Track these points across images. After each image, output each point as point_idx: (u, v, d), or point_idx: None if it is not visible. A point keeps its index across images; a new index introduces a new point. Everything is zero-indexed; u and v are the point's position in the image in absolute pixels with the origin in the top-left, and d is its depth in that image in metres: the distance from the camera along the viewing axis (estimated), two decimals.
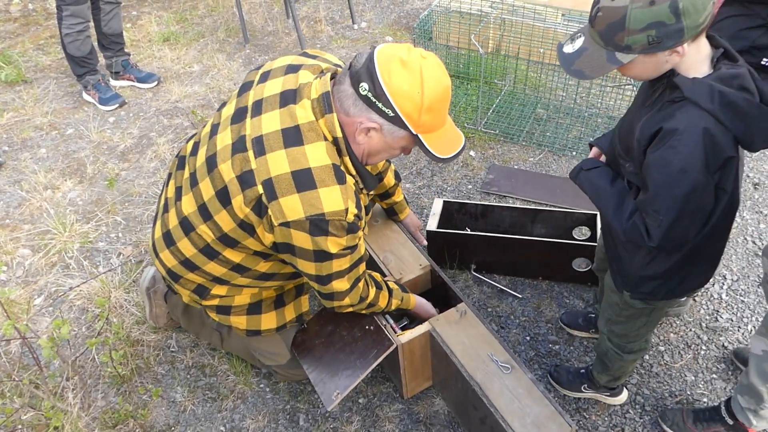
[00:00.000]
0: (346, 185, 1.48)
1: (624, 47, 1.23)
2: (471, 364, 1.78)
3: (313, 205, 1.44)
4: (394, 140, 1.50)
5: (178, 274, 1.82)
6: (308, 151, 1.45)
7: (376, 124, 1.44)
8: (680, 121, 1.25)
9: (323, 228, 1.47)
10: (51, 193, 3.02)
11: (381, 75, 1.38)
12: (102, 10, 3.49)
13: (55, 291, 2.52)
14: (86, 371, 2.21)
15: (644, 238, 1.36)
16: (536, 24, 3.41)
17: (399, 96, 1.39)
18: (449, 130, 1.55)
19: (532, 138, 3.28)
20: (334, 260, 1.57)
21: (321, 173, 1.45)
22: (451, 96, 1.50)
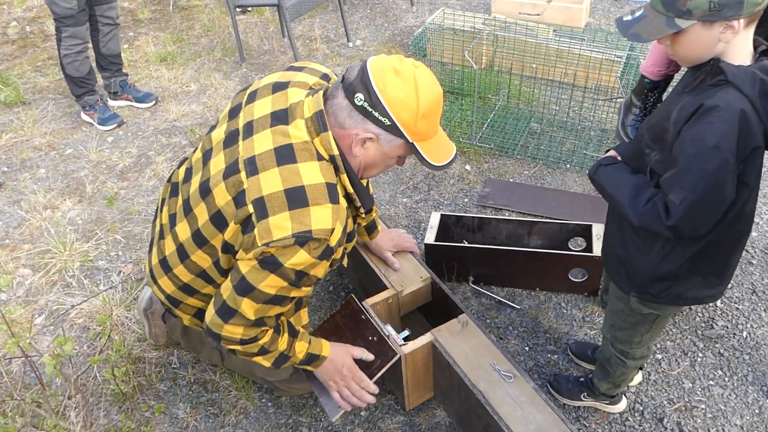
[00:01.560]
0: (339, 206, 1.46)
1: (685, 12, 1.26)
2: (474, 373, 1.80)
3: (302, 223, 1.40)
4: (391, 149, 1.50)
5: (177, 300, 1.81)
6: (302, 169, 1.44)
7: (372, 134, 1.45)
8: (721, 99, 1.28)
9: (304, 242, 1.41)
10: (51, 213, 3.04)
11: (376, 84, 1.39)
12: (101, 31, 3.54)
13: (56, 310, 2.53)
14: (88, 389, 2.21)
15: (662, 220, 1.35)
16: (528, 40, 3.48)
17: (395, 104, 1.40)
18: (442, 138, 1.57)
19: (526, 151, 3.33)
20: (272, 275, 1.46)
21: (314, 191, 1.43)
22: (442, 102, 1.52)
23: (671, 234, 1.38)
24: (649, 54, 1.91)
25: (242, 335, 1.59)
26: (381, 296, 2.08)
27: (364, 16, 5.02)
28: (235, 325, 1.57)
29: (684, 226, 1.35)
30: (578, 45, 3.49)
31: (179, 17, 5.11)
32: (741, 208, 1.41)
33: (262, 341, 1.64)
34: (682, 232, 1.37)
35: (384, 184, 3.16)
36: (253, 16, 5.08)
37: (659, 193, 1.39)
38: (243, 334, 1.58)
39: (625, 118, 2.05)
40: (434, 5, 5.12)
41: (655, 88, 2.00)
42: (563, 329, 2.36)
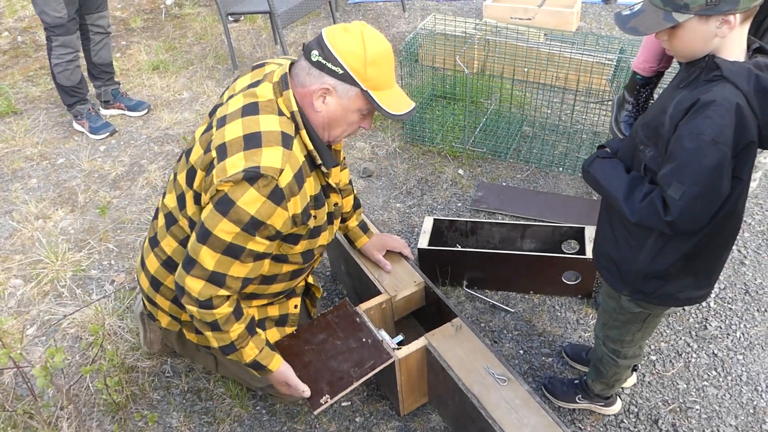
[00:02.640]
0: (291, 152, 1.56)
1: (682, 6, 1.28)
2: (468, 377, 1.80)
3: (252, 160, 1.52)
4: (349, 101, 1.58)
5: (159, 281, 1.88)
6: (261, 120, 1.58)
7: (328, 85, 1.55)
8: (717, 94, 1.29)
9: (253, 178, 1.51)
10: (42, 223, 3.03)
11: (328, 41, 1.54)
12: (92, 40, 3.54)
13: (48, 320, 2.52)
14: (81, 400, 2.20)
15: (660, 215, 1.36)
16: (519, 44, 3.49)
17: (345, 54, 1.52)
18: (398, 93, 1.64)
19: (519, 155, 3.33)
20: (225, 218, 1.54)
21: (269, 136, 1.55)
22: (393, 60, 1.61)
23: (669, 229, 1.38)
24: (641, 50, 1.92)
25: (200, 293, 1.63)
26: (374, 301, 2.08)
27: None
28: (195, 278, 1.62)
29: (682, 221, 1.36)
30: (569, 49, 3.50)
31: (171, 25, 5.11)
32: (734, 205, 1.42)
33: (217, 312, 1.66)
34: (680, 226, 1.37)
35: (377, 190, 3.16)
36: (245, 23, 5.09)
37: (656, 189, 1.39)
38: (201, 292, 1.63)
39: (618, 115, 2.06)
40: (426, 11, 5.14)
41: (647, 84, 2.01)
42: (557, 332, 2.36)
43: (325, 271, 2.72)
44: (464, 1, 5.29)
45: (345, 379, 1.82)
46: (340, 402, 2.15)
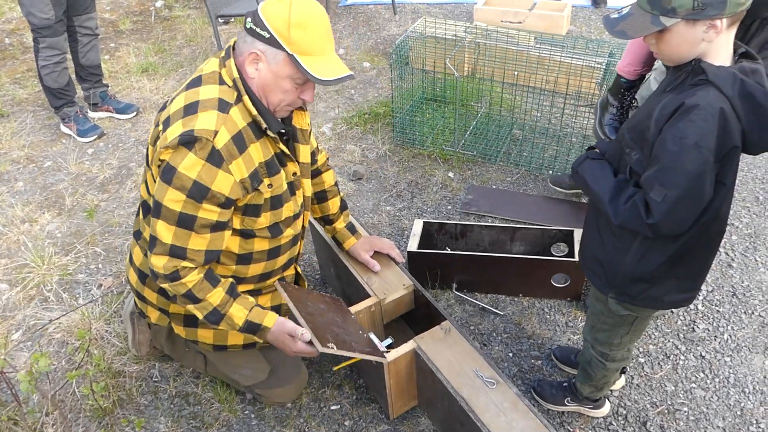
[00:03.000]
0: (227, 116, 1.60)
1: (669, 10, 1.28)
2: (456, 380, 1.79)
3: (188, 125, 1.57)
4: (278, 66, 1.58)
5: (145, 273, 1.90)
6: (201, 89, 1.63)
7: (257, 50, 1.57)
8: (701, 98, 1.30)
9: (190, 142, 1.56)
10: (29, 227, 3.00)
11: (260, 8, 1.57)
12: (79, 41, 3.51)
13: (33, 325, 2.49)
14: (66, 405, 2.17)
15: (642, 218, 1.37)
16: (509, 47, 3.50)
17: (270, 17, 1.54)
18: (332, 61, 1.62)
19: (509, 158, 3.34)
20: (171, 187, 1.59)
21: (205, 102, 1.61)
22: (327, 27, 1.60)
23: (651, 232, 1.39)
24: (625, 53, 1.93)
25: (164, 267, 1.67)
26: (364, 304, 2.07)
27: (347, 25, 5.03)
28: (158, 255, 1.67)
29: (664, 224, 1.36)
30: (559, 52, 3.51)
31: (161, 28, 5.09)
32: (717, 209, 1.43)
33: (186, 280, 1.70)
34: (662, 230, 1.38)
35: (367, 193, 3.16)
36: (235, 26, 5.07)
37: (639, 191, 1.40)
38: (165, 266, 1.67)
39: (602, 118, 2.07)
40: (417, 14, 5.15)
41: (631, 87, 2.02)
42: (547, 335, 2.36)
43: (314, 274, 2.71)
44: (455, 4, 5.30)
45: (347, 345, 1.78)
46: (330, 405, 2.14)
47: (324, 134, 3.62)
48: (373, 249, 2.23)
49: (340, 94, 4.06)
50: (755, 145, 1.35)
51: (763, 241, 2.75)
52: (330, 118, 3.78)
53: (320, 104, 3.95)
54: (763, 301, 2.46)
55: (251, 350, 2.02)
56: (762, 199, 3.00)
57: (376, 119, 3.72)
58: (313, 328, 1.75)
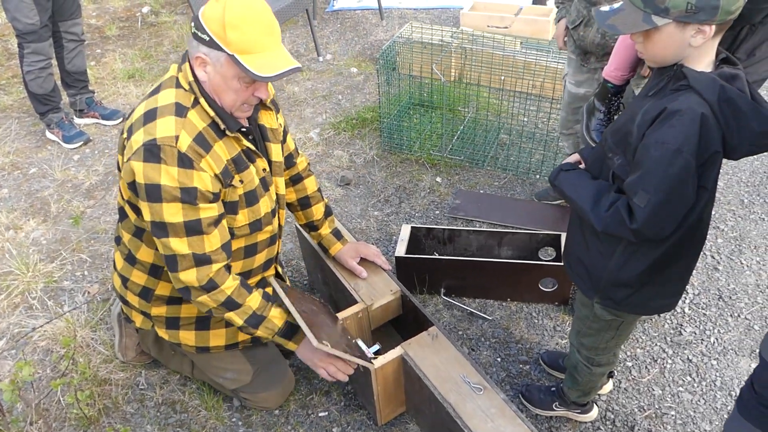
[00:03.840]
0: (185, 120, 1.62)
1: (662, 9, 1.29)
2: (444, 386, 1.79)
3: (149, 133, 1.59)
4: (222, 68, 1.59)
5: (126, 277, 1.92)
6: (159, 96, 1.66)
7: (202, 54, 1.59)
8: (683, 103, 1.31)
9: (155, 153, 1.58)
10: (13, 234, 2.97)
11: (200, 11, 1.58)
12: (65, 47, 3.49)
13: (18, 333, 2.46)
14: (51, 414, 2.15)
15: (626, 223, 1.38)
16: (496, 52, 3.51)
17: (208, 19, 1.55)
18: (273, 56, 1.60)
19: (496, 163, 3.35)
20: (164, 203, 1.61)
21: (162, 109, 1.62)
22: (266, 22, 1.58)
23: (634, 237, 1.40)
24: (612, 58, 1.94)
25: (197, 279, 1.69)
26: (351, 310, 2.06)
27: (334, 30, 5.04)
28: (185, 270, 1.68)
29: (647, 229, 1.37)
30: (545, 57, 3.53)
31: (148, 33, 5.07)
32: (700, 213, 1.44)
33: (225, 287, 1.73)
34: (645, 234, 1.39)
35: (355, 198, 3.15)
36: None
37: (621, 197, 1.41)
38: (198, 278, 1.69)
39: (589, 123, 2.08)
40: (404, 19, 5.16)
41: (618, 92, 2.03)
42: (535, 339, 2.36)
43: (302, 279, 2.70)
44: (441, 9, 5.32)
45: (340, 345, 1.79)
46: (317, 412, 2.13)
47: (311, 140, 3.62)
48: (359, 256, 2.23)
49: (328, 99, 4.06)
50: (736, 150, 1.36)
51: (749, 243, 2.77)
52: (317, 124, 3.78)
53: (307, 110, 3.94)
54: (749, 303, 2.48)
55: (234, 352, 2.02)
56: (747, 202, 3.03)
57: (363, 124, 3.72)
58: (309, 324, 1.76)
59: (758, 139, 1.33)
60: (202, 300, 1.74)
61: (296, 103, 4.01)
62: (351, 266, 2.20)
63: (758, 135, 1.32)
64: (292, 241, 2.90)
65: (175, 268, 1.69)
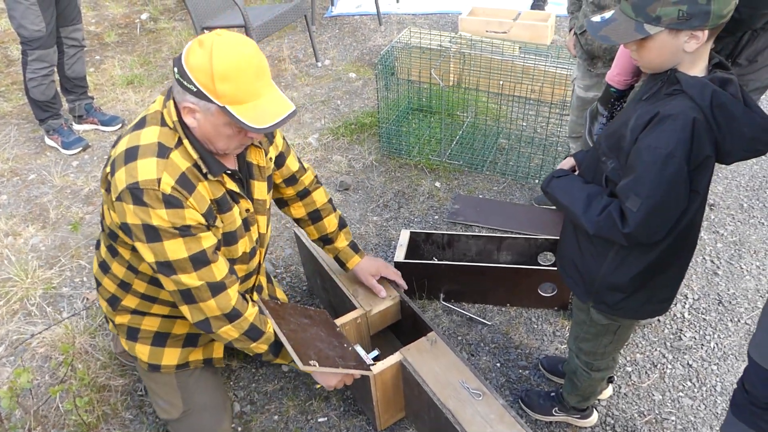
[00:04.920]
0: (168, 160, 1.56)
1: (654, 18, 1.29)
2: (443, 392, 1.78)
3: (131, 175, 1.53)
4: (214, 118, 1.52)
5: (98, 281, 1.90)
6: (143, 133, 1.59)
7: (190, 103, 1.52)
8: (675, 108, 1.31)
9: (139, 197, 1.53)
10: (12, 240, 2.96)
11: (183, 57, 1.50)
12: (66, 53, 3.50)
13: (16, 339, 2.46)
14: (50, 421, 2.14)
15: (618, 227, 1.38)
16: (494, 57, 3.52)
17: (194, 69, 1.47)
18: (267, 102, 1.53)
19: (495, 167, 3.35)
20: (164, 241, 1.57)
21: (145, 149, 1.56)
22: (257, 67, 1.50)
23: (626, 241, 1.41)
24: (615, 63, 1.94)
25: (220, 307, 1.65)
26: (350, 316, 2.06)
27: (332, 36, 5.05)
28: (204, 302, 1.64)
29: (639, 233, 1.38)
30: (544, 62, 3.53)
31: (146, 40, 5.08)
32: (691, 218, 1.44)
33: (248, 314, 1.70)
34: (637, 238, 1.40)
35: (354, 203, 3.15)
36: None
37: (614, 200, 1.42)
38: (220, 307, 1.65)
39: (592, 126, 2.08)
40: (402, 24, 5.17)
41: (621, 97, 2.03)
42: (534, 344, 2.36)
43: (301, 285, 2.69)
44: (440, 15, 5.33)
45: (331, 360, 1.76)
46: (317, 417, 2.12)
47: (310, 145, 3.62)
48: (379, 274, 2.16)
49: (326, 104, 4.06)
50: (729, 154, 1.36)
51: (748, 248, 2.77)
52: (316, 129, 3.78)
53: (306, 115, 3.94)
54: (749, 308, 2.48)
55: (170, 382, 1.93)
56: (746, 207, 3.03)
57: (362, 129, 3.72)
58: (295, 346, 1.71)
59: (750, 144, 1.34)
60: (225, 331, 1.69)
61: None
62: (370, 284, 2.13)
63: (750, 140, 1.33)
64: (291, 246, 2.89)
65: (194, 300, 1.64)
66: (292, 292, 2.66)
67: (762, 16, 1.77)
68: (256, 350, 1.78)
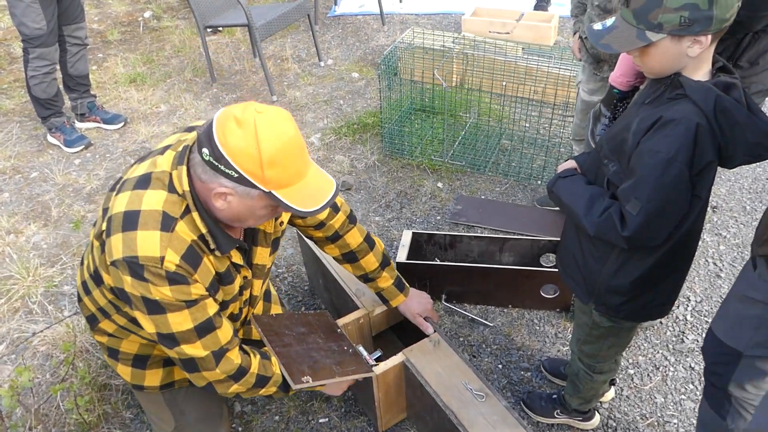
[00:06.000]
0: (172, 234, 1.40)
1: (656, 25, 1.28)
2: (446, 393, 1.78)
3: (129, 247, 1.37)
4: (253, 201, 1.40)
5: (79, 296, 1.75)
6: (146, 196, 1.42)
7: (227, 188, 1.37)
8: (678, 112, 1.31)
9: (139, 273, 1.38)
10: (14, 238, 2.96)
11: (218, 137, 1.32)
12: (68, 51, 3.49)
13: (17, 338, 2.45)
14: (50, 420, 2.14)
15: (617, 230, 1.38)
16: (497, 58, 3.51)
17: (237, 155, 1.32)
18: (312, 182, 1.43)
19: (497, 168, 3.35)
20: (168, 314, 1.43)
21: (147, 216, 1.39)
22: (300, 146, 1.38)
23: (626, 244, 1.40)
24: (618, 65, 1.94)
25: (224, 371, 1.54)
26: (352, 316, 2.06)
27: (335, 35, 5.04)
28: (208, 371, 1.53)
29: (639, 237, 1.38)
30: (547, 63, 3.53)
31: (149, 38, 5.08)
32: (692, 223, 1.44)
33: (252, 370, 1.60)
34: (637, 242, 1.40)
35: (356, 203, 3.15)
36: (224, 36, 5.07)
37: (614, 203, 1.42)
38: (224, 371, 1.54)
39: (594, 128, 2.08)
40: (405, 24, 5.16)
41: (624, 98, 2.03)
42: (536, 346, 2.35)
43: (303, 285, 2.69)
44: (443, 15, 5.33)
45: (327, 370, 1.74)
46: (318, 418, 2.12)
47: (313, 144, 3.62)
48: (426, 313, 2.07)
49: (329, 104, 4.06)
50: (731, 159, 1.36)
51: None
52: (319, 129, 3.78)
53: (309, 114, 3.94)
54: None
55: (157, 399, 1.84)
56: (749, 209, 3.02)
57: (364, 129, 3.72)
58: (287, 364, 1.69)
59: (753, 149, 1.33)
60: (232, 390, 1.60)
61: (298, 108, 4.01)
62: (417, 322, 2.05)
63: (753, 145, 1.32)
64: (293, 246, 2.89)
65: (196, 369, 1.53)
66: (294, 291, 2.66)
67: (762, 18, 1.77)
68: (266, 394, 1.71)
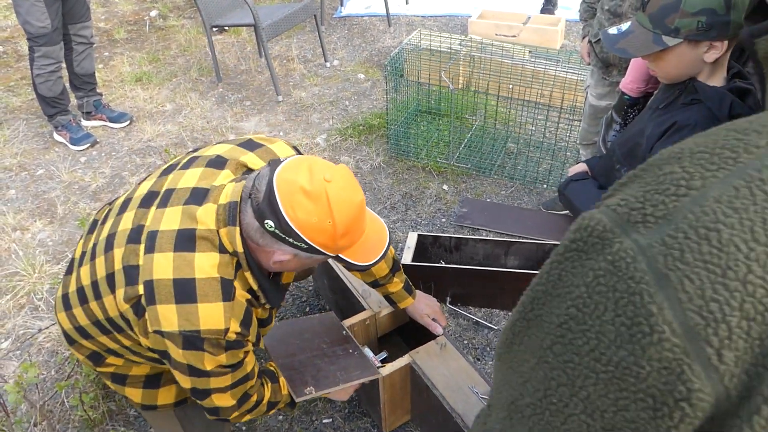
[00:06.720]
0: (234, 302, 1.34)
1: (672, 30, 1.28)
2: (452, 396, 1.78)
3: (189, 320, 1.30)
4: (314, 261, 1.41)
5: (72, 338, 1.63)
6: (197, 260, 1.32)
7: (290, 255, 1.34)
8: (692, 118, 1.31)
9: (197, 345, 1.32)
10: (20, 235, 2.97)
11: (285, 211, 1.26)
12: (74, 50, 3.50)
13: (23, 334, 2.46)
14: (55, 416, 2.14)
15: None
16: (504, 60, 3.52)
17: (309, 230, 1.27)
18: (370, 234, 1.42)
19: (503, 171, 3.35)
20: (211, 378, 1.40)
21: (205, 286, 1.31)
22: (364, 207, 1.36)
23: None
24: (629, 71, 1.94)
25: (242, 410, 1.54)
26: (358, 317, 2.06)
27: (341, 36, 5.05)
28: (230, 414, 1.52)
29: None
30: (553, 66, 3.53)
31: (155, 37, 5.08)
32: None
33: (265, 399, 1.61)
34: None
35: None
36: (230, 36, 5.08)
37: None
38: (242, 410, 1.54)
39: (606, 134, 2.08)
40: (411, 26, 5.17)
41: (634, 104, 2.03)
42: None
43: (308, 285, 2.69)
44: (449, 17, 5.33)
45: (330, 378, 1.74)
46: (322, 419, 2.12)
47: (318, 145, 3.62)
48: (435, 314, 2.06)
49: (335, 105, 4.06)
50: None
51: None
52: (324, 129, 3.78)
53: (314, 115, 3.95)
54: None
55: (168, 416, 1.77)
56: None
57: (370, 131, 3.72)
58: (290, 377, 1.70)
59: None
60: (245, 420, 1.62)
61: (303, 109, 4.01)
62: (426, 323, 2.04)
63: None
64: None
65: (218, 414, 1.51)
66: (298, 292, 2.66)
67: None
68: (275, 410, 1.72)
